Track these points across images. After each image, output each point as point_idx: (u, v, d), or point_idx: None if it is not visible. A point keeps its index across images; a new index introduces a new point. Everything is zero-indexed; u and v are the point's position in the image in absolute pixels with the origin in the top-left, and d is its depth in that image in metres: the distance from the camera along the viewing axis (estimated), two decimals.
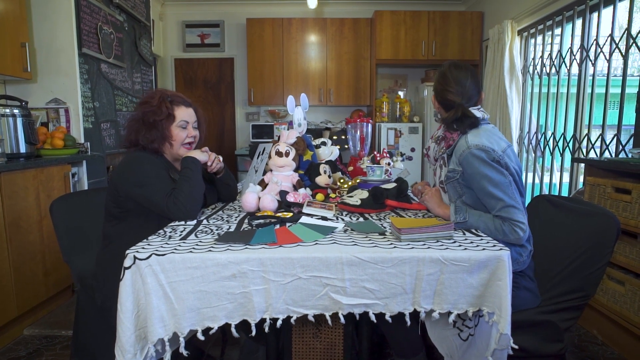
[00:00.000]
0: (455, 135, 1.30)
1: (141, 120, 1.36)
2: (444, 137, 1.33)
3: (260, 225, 1.21)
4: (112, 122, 3.17)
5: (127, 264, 0.94)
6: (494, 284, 0.98)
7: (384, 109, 4.54)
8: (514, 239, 1.18)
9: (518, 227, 1.17)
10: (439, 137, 1.37)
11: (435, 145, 1.40)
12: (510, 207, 1.18)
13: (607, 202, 1.89)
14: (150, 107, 1.36)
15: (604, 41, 2.59)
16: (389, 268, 0.97)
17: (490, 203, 1.21)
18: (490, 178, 1.20)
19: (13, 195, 1.96)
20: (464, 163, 1.24)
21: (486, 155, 1.21)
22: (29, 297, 2.05)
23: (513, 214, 1.17)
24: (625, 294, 1.79)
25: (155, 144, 1.37)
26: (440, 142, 1.35)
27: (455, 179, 1.28)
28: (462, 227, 1.22)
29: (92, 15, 2.85)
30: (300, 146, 1.58)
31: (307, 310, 0.98)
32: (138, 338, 0.96)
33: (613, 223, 1.18)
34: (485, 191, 1.21)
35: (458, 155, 1.26)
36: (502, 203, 1.18)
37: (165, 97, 1.39)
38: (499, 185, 1.19)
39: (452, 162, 1.29)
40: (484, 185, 1.20)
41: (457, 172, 1.27)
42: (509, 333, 0.95)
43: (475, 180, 1.23)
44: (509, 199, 1.18)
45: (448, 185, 1.32)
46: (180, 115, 1.40)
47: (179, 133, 1.39)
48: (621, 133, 2.42)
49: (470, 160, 1.22)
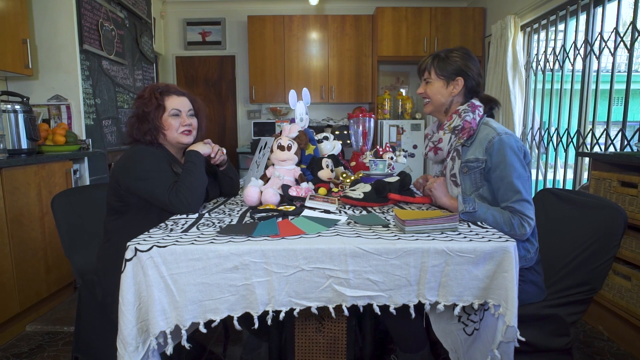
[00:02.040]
0: (474, 124, 1.26)
1: (136, 115, 1.38)
2: (462, 126, 1.27)
3: (263, 218, 1.19)
4: (114, 119, 3.16)
5: (129, 256, 0.93)
6: (499, 275, 0.96)
7: (386, 106, 4.53)
8: (520, 234, 1.17)
9: (527, 223, 1.16)
10: (457, 126, 1.28)
11: (451, 136, 1.30)
12: (525, 201, 1.16)
13: (613, 196, 1.87)
14: (142, 101, 1.37)
15: (608, 36, 2.56)
16: (393, 259, 0.95)
17: (506, 194, 1.18)
18: (516, 169, 1.17)
19: (14, 192, 1.95)
20: (491, 150, 1.20)
21: (515, 143, 1.19)
22: (31, 293, 2.05)
23: (526, 209, 1.16)
24: (632, 289, 1.77)
25: (148, 135, 1.36)
26: (460, 132, 1.27)
27: (480, 168, 1.22)
28: (469, 218, 1.19)
29: (93, 11, 2.84)
30: (302, 140, 1.56)
31: (310, 303, 0.97)
32: (140, 331, 0.95)
33: (620, 215, 1.17)
34: (507, 180, 1.17)
35: (485, 143, 1.22)
36: (518, 196, 1.16)
37: (155, 89, 1.40)
38: (520, 178, 1.17)
39: (474, 152, 1.24)
40: (507, 174, 1.17)
41: (482, 162, 1.22)
42: (516, 325, 0.94)
43: (499, 169, 1.19)
44: (525, 193, 1.16)
45: (465, 177, 1.26)
46: (171, 104, 1.39)
47: (172, 122, 1.38)
48: (626, 129, 2.40)
49: (500, 146, 1.19)
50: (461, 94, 1.32)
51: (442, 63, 1.31)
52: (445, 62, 1.31)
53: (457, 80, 1.31)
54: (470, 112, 1.27)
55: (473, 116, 1.27)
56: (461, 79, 1.30)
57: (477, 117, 1.27)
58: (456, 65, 1.30)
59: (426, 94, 1.37)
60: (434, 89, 1.34)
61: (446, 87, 1.32)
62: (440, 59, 1.32)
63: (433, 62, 1.33)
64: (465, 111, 1.28)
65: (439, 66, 1.32)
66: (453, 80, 1.31)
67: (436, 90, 1.34)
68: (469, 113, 1.27)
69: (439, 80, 1.33)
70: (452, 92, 1.32)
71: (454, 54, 1.31)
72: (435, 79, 1.34)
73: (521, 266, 1.22)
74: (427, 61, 1.36)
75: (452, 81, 1.31)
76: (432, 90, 1.35)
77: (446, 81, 1.32)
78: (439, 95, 1.34)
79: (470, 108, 1.28)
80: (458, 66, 1.30)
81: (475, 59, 1.34)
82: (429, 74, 1.35)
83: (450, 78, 1.31)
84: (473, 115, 1.27)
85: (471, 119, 1.26)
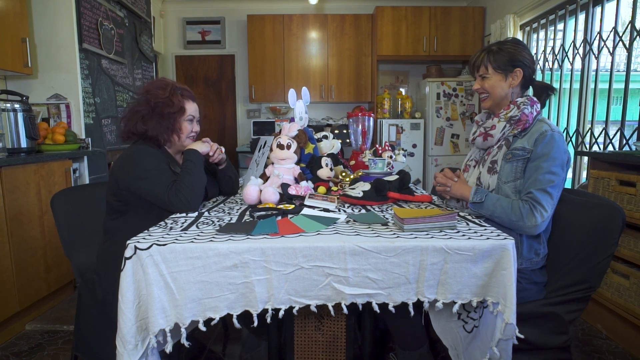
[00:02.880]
0: (530, 118, 1.26)
1: (151, 110, 1.35)
2: (519, 118, 1.26)
3: (262, 216, 1.20)
4: (113, 118, 3.16)
5: (128, 254, 0.93)
6: (498, 273, 0.97)
7: (386, 105, 4.53)
8: (529, 225, 1.14)
9: (539, 212, 1.13)
10: (514, 117, 1.27)
11: (505, 125, 1.29)
12: (546, 193, 1.15)
13: (612, 194, 1.87)
14: (161, 98, 1.35)
15: (607, 36, 2.56)
16: (392, 257, 0.96)
17: (533, 183, 1.17)
18: (554, 164, 1.17)
19: (14, 190, 1.95)
20: (540, 141, 1.19)
21: (563, 145, 1.19)
22: (31, 292, 2.05)
23: (543, 199, 1.14)
24: (630, 288, 1.78)
25: (164, 135, 1.37)
26: (516, 122, 1.27)
27: (525, 157, 1.21)
28: (477, 209, 1.20)
29: (92, 10, 2.84)
30: (301, 139, 1.56)
31: (309, 301, 0.97)
32: (139, 329, 0.95)
33: (618, 214, 1.17)
34: (540, 171, 1.17)
35: (536, 135, 1.22)
36: (542, 185, 1.15)
37: (176, 89, 1.40)
38: (554, 174, 1.16)
39: (522, 142, 1.24)
40: (544, 166, 1.16)
41: (528, 151, 1.22)
42: (515, 323, 0.94)
43: (539, 160, 1.18)
44: (552, 187, 1.15)
45: (507, 164, 1.25)
46: (190, 110, 1.42)
47: (187, 126, 1.41)
48: (624, 128, 2.41)
49: (550, 141, 1.19)
50: (519, 85, 1.32)
51: (498, 56, 1.30)
52: (500, 54, 1.29)
53: (516, 71, 1.29)
54: (528, 105, 1.28)
55: (531, 110, 1.27)
56: (519, 70, 1.29)
57: (534, 112, 1.28)
58: (512, 56, 1.28)
59: (484, 89, 1.35)
60: (493, 83, 1.32)
61: (505, 80, 1.31)
62: (494, 53, 1.31)
63: (488, 57, 1.31)
64: (524, 104, 1.28)
65: (496, 59, 1.30)
66: (512, 72, 1.30)
67: (495, 84, 1.32)
68: (527, 106, 1.27)
69: (497, 74, 1.31)
70: (512, 84, 1.31)
71: (507, 45, 1.30)
72: (492, 73, 1.32)
73: (525, 267, 1.22)
74: (481, 56, 1.33)
75: (511, 73, 1.30)
76: (490, 85, 1.33)
77: (504, 74, 1.31)
78: (499, 88, 1.32)
79: (529, 102, 1.29)
80: (514, 57, 1.28)
81: (527, 46, 1.33)
82: (486, 69, 1.32)
83: (508, 70, 1.30)
84: (531, 109, 1.27)
85: (529, 113, 1.26)
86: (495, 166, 1.28)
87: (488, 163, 1.32)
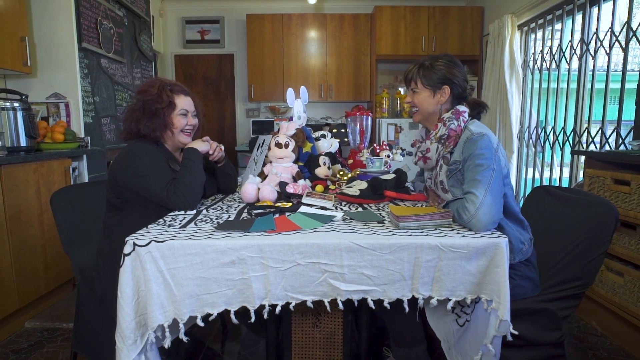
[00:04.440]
0: (459, 131, 1.26)
1: (142, 109, 1.36)
2: (448, 135, 1.26)
3: (260, 214, 1.21)
4: (112, 117, 3.17)
5: (127, 251, 0.95)
6: (492, 270, 0.98)
7: (384, 104, 4.54)
8: (467, 219, 1.07)
9: (469, 201, 1.07)
10: (444, 136, 1.27)
11: (438, 145, 1.30)
12: (474, 180, 1.12)
13: (607, 193, 1.89)
14: (151, 96, 1.36)
15: (604, 36, 2.58)
16: (387, 254, 0.97)
17: (466, 178, 1.18)
18: (481, 154, 1.16)
19: (13, 189, 1.96)
20: (465, 148, 1.20)
21: (488, 140, 1.20)
22: (30, 290, 2.06)
23: (471, 187, 1.11)
24: (624, 285, 1.80)
25: (157, 132, 1.38)
26: (446, 140, 1.27)
27: (459, 169, 1.23)
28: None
29: (91, 9, 2.85)
30: (299, 138, 1.58)
31: (306, 297, 0.99)
32: (138, 325, 0.97)
33: (611, 211, 1.19)
34: (468, 167, 1.17)
35: (462, 144, 1.23)
36: (470, 177, 1.14)
37: (165, 85, 1.40)
38: (481, 164, 1.14)
39: (455, 156, 1.25)
40: (469, 163, 1.17)
41: (459, 162, 1.23)
42: (509, 319, 0.96)
43: (467, 162, 1.19)
44: (478, 174, 1.13)
45: (451, 180, 1.26)
46: (181, 104, 1.41)
47: (180, 121, 1.41)
48: (621, 127, 2.42)
49: (473, 143, 1.19)
50: (448, 102, 1.33)
51: (428, 72, 1.32)
52: (431, 71, 1.32)
53: (444, 88, 1.31)
54: (454, 119, 1.27)
55: (458, 123, 1.27)
56: (447, 88, 1.31)
57: (461, 123, 1.27)
58: (441, 74, 1.31)
59: (414, 103, 1.38)
60: (422, 99, 1.35)
61: (433, 97, 1.33)
62: (425, 68, 1.33)
63: (419, 72, 1.34)
64: (449, 119, 1.28)
65: (425, 76, 1.33)
66: (440, 89, 1.32)
67: (423, 99, 1.35)
68: (453, 121, 1.27)
69: (426, 89, 1.34)
70: (440, 101, 1.33)
71: (439, 63, 1.32)
72: (422, 89, 1.34)
73: (519, 259, 1.23)
74: (413, 71, 1.36)
75: (439, 90, 1.32)
76: (419, 100, 1.35)
77: (433, 90, 1.33)
78: (427, 104, 1.35)
79: (454, 116, 1.28)
80: (443, 74, 1.31)
81: (461, 64, 1.34)
82: (416, 84, 1.36)
83: (437, 87, 1.32)
84: (458, 123, 1.27)
85: (456, 127, 1.26)
86: (444, 185, 1.28)
87: (438, 184, 1.31)
